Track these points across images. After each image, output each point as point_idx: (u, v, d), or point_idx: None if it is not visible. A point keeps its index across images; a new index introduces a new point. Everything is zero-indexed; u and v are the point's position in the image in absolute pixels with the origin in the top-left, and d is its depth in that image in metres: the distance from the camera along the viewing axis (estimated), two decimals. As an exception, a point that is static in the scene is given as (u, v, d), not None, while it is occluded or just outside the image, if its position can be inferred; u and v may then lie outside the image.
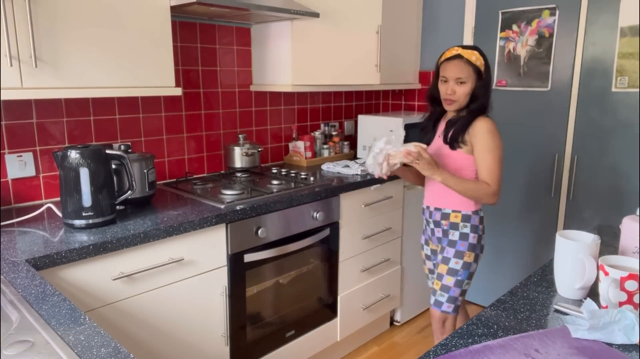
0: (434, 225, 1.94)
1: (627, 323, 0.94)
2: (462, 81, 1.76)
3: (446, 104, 1.83)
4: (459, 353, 0.91)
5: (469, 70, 1.76)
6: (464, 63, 1.76)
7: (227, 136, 2.60)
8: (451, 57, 1.78)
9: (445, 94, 1.80)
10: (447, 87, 1.79)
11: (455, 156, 1.83)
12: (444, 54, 1.83)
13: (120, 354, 0.90)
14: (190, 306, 1.80)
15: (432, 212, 1.94)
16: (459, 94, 1.78)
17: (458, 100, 1.79)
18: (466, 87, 1.77)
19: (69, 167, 1.59)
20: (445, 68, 1.79)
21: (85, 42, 1.68)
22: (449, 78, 1.78)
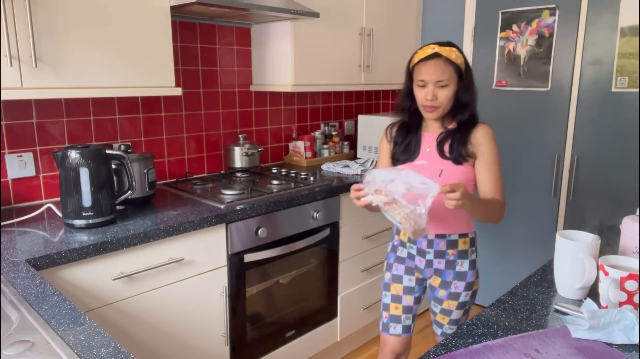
0: (435, 256, 1.61)
1: (627, 323, 0.94)
2: (443, 84, 1.50)
3: (426, 112, 1.55)
4: (459, 353, 0.91)
5: (450, 70, 1.50)
6: (443, 62, 1.50)
7: (227, 136, 2.60)
8: (428, 56, 1.51)
9: (424, 100, 1.52)
10: (426, 92, 1.51)
11: (459, 171, 1.55)
12: (417, 53, 1.55)
13: (120, 354, 0.90)
14: (190, 306, 1.80)
15: (431, 241, 1.60)
16: (441, 99, 1.51)
17: (441, 105, 1.53)
18: (449, 90, 1.51)
19: (69, 167, 1.59)
20: (422, 71, 1.52)
21: (85, 42, 1.68)
22: (428, 82, 1.51)
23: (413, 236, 1.33)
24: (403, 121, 1.65)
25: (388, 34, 2.90)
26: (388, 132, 1.69)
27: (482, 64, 2.93)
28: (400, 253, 1.69)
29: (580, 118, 2.60)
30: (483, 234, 3.08)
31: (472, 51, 2.97)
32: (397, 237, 1.71)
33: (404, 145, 1.62)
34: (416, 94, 1.56)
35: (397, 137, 1.65)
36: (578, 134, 2.62)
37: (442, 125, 1.61)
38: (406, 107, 1.63)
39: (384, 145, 1.70)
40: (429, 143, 1.60)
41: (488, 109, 2.96)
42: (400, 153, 1.62)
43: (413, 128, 1.64)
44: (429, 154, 1.59)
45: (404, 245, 1.69)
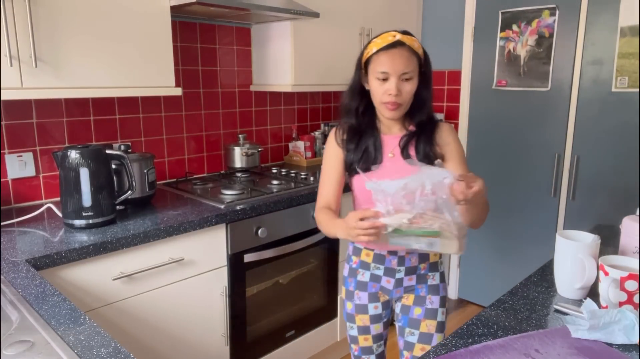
0: (406, 273, 1.43)
1: (627, 323, 0.94)
2: (408, 76, 1.31)
3: (388, 110, 1.34)
4: (459, 353, 0.91)
5: (414, 61, 1.32)
6: (408, 52, 1.31)
7: (227, 136, 2.60)
8: (390, 44, 1.30)
9: (386, 96, 1.32)
10: (388, 86, 1.30)
11: None
12: (374, 41, 1.34)
13: (120, 354, 0.90)
14: (190, 306, 1.80)
15: (402, 258, 1.42)
16: (405, 94, 1.32)
17: (404, 102, 1.33)
18: (412, 84, 1.32)
19: (69, 167, 1.59)
20: (384, 61, 1.30)
21: (85, 42, 1.68)
22: (392, 74, 1.30)
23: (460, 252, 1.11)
24: (352, 124, 1.42)
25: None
26: (337, 137, 1.44)
27: (482, 64, 2.93)
28: (362, 277, 1.47)
29: (580, 118, 2.60)
30: (483, 234, 3.08)
31: (472, 51, 2.97)
32: (356, 258, 1.49)
33: (360, 151, 1.40)
34: (374, 90, 1.35)
35: (350, 143, 1.41)
36: (578, 134, 2.62)
37: (403, 126, 1.42)
38: (354, 108, 1.41)
39: (333, 151, 1.44)
40: (391, 147, 1.40)
41: (488, 109, 2.96)
42: (358, 161, 1.39)
43: (368, 131, 1.42)
44: (393, 160, 1.39)
45: (366, 266, 1.46)
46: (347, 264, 1.53)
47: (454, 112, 3.13)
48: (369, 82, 1.36)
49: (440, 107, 3.20)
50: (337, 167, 1.44)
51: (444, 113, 3.15)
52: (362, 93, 1.40)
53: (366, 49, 1.36)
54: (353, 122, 1.42)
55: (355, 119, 1.42)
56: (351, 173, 1.42)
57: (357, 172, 1.38)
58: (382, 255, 1.43)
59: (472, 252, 3.16)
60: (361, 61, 1.38)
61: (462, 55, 3.02)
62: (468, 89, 3.02)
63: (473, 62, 2.98)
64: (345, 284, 1.53)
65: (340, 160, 1.44)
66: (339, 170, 1.45)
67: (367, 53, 1.35)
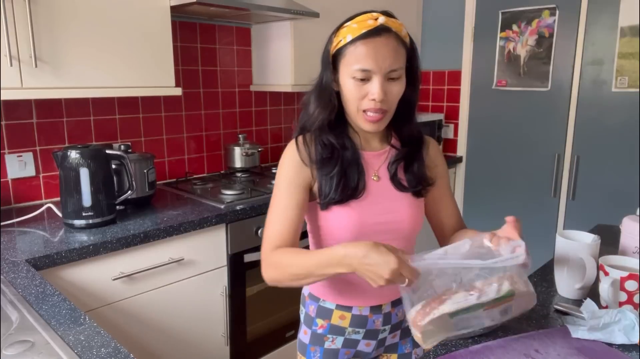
0: (390, 331, 1.17)
1: (627, 323, 0.94)
2: (397, 74, 0.98)
3: (367, 121, 1.00)
4: (459, 353, 0.91)
5: (403, 54, 0.99)
6: (395, 41, 0.98)
7: (227, 136, 2.60)
8: (373, 30, 0.96)
9: (366, 102, 0.98)
10: (372, 89, 0.97)
11: (419, 204, 1.12)
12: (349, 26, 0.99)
13: (120, 354, 0.90)
14: (190, 306, 1.80)
15: (388, 315, 1.15)
16: (392, 99, 0.99)
17: (390, 109, 1.01)
18: (401, 85, 1.00)
19: (69, 167, 1.58)
20: (364, 54, 0.96)
21: (85, 42, 1.68)
22: (376, 72, 0.96)
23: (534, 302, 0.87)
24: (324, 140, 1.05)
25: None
26: (303, 154, 1.05)
27: (482, 64, 2.93)
28: (332, 344, 1.15)
29: (580, 118, 2.60)
30: (483, 234, 3.07)
31: (472, 51, 2.97)
32: (323, 322, 1.15)
33: (338, 174, 1.03)
34: (349, 93, 0.99)
35: (325, 166, 1.03)
36: (578, 134, 2.62)
37: (385, 140, 1.11)
38: (325, 119, 1.04)
39: (295, 173, 1.05)
40: (374, 168, 1.08)
41: (488, 109, 2.96)
42: (333, 188, 1.02)
43: (344, 146, 1.06)
44: (378, 185, 1.07)
45: (339, 331, 1.14)
46: (309, 329, 1.17)
47: (454, 112, 3.13)
48: (341, 82, 1.01)
49: (441, 107, 3.20)
50: (300, 195, 1.04)
51: (444, 113, 3.15)
52: (334, 99, 1.04)
53: (336, 36, 1.01)
54: (327, 136, 1.04)
55: (330, 134, 1.05)
56: (327, 204, 1.04)
57: (333, 204, 1.03)
58: (364, 316, 1.13)
59: (472, 252, 3.15)
60: (329, 54, 1.03)
61: (462, 55, 3.02)
62: (468, 89, 3.02)
63: (473, 62, 2.98)
64: (306, 354, 1.17)
65: (306, 187, 1.05)
66: (302, 200, 1.04)
67: (338, 42, 0.99)
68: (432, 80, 3.21)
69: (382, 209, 1.06)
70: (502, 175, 2.94)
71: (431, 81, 3.22)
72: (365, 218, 1.04)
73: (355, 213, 1.04)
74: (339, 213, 1.04)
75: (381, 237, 1.02)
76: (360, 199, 1.04)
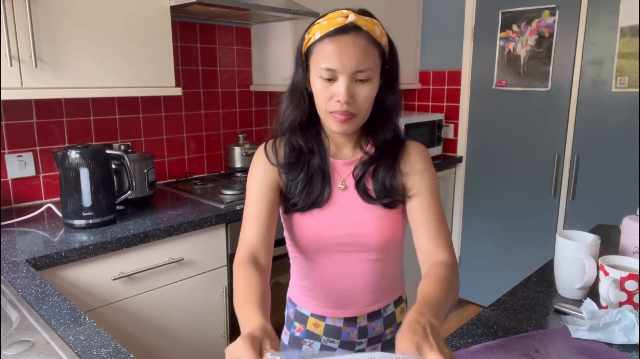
0: (369, 343, 1.12)
1: (627, 323, 0.94)
2: (365, 76, 0.92)
3: (336, 122, 0.95)
4: (459, 353, 0.91)
5: (374, 55, 0.94)
6: (365, 40, 0.92)
7: (227, 136, 2.60)
8: (341, 28, 0.91)
9: (332, 103, 0.93)
10: (336, 90, 0.92)
11: (393, 220, 1.02)
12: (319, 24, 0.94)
13: (120, 354, 0.90)
14: (190, 306, 1.80)
15: (364, 328, 1.10)
16: (361, 102, 0.94)
17: (359, 112, 0.95)
18: (371, 87, 0.94)
19: (69, 167, 1.59)
20: (329, 53, 0.91)
21: (85, 42, 1.68)
22: (341, 72, 0.91)
23: None
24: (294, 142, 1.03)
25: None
26: (271, 156, 1.04)
27: (482, 64, 2.93)
28: (310, 348, 1.13)
29: (580, 118, 2.60)
30: (483, 234, 3.08)
31: (472, 51, 2.97)
32: (300, 326, 1.13)
33: (303, 180, 1.01)
34: (317, 93, 0.95)
35: (292, 170, 1.02)
36: (578, 134, 2.62)
37: (359, 147, 1.04)
38: (297, 119, 1.01)
39: (265, 175, 1.03)
40: (342, 176, 1.03)
41: (488, 109, 2.96)
42: (297, 195, 1.00)
43: (314, 151, 1.02)
44: (345, 194, 1.02)
45: (316, 338, 1.12)
46: (288, 331, 1.15)
47: (454, 112, 3.13)
48: (311, 82, 0.97)
49: (441, 107, 3.20)
50: (270, 197, 1.00)
51: (444, 113, 3.15)
52: (306, 98, 1.00)
53: (307, 33, 0.96)
54: (296, 139, 1.02)
55: (300, 135, 1.02)
56: (289, 209, 1.03)
57: (295, 211, 1.01)
58: (337, 327, 1.09)
59: (472, 252, 3.16)
60: (301, 52, 0.98)
61: (462, 55, 3.02)
62: (468, 89, 3.02)
63: (473, 62, 2.98)
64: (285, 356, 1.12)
65: (276, 188, 1.02)
66: (273, 202, 1.01)
67: (309, 39, 0.95)
68: (432, 80, 3.22)
69: (345, 221, 1.00)
70: (502, 175, 2.94)
71: (431, 81, 3.22)
72: (326, 229, 1.00)
73: (316, 222, 1.00)
74: (299, 220, 1.02)
75: (346, 249, 1.02)
76: (323, 208, 1.00)
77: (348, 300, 1.07)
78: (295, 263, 1.11)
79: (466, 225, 3.16)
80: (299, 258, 1.09)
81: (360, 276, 1.04)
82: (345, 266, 1.04)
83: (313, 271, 1.07)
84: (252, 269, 0.92)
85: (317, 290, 1.08)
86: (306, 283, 1.10)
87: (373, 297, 1.08)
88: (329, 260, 1.04)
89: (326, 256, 1.04)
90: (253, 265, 0.93)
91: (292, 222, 1.04)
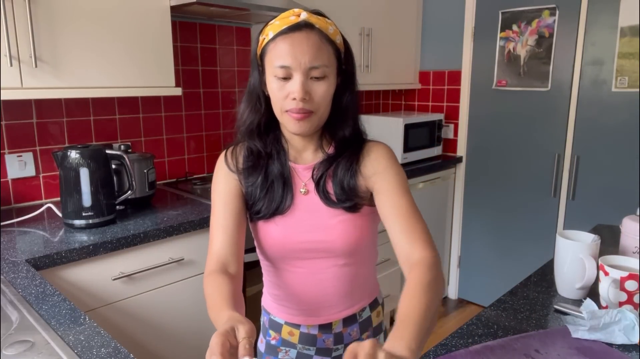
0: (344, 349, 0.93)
1: (627, 323, 0.94)
2: (320, 73, 0.91)
3: (293, 121, 0.93)
4: (459, 353, 0.91)
5: (328, 52, 0.93)
6: (318, 37, 0.92)
7: (227, 136, 2.60)
8: (293, 26, 0.91)
9: (288, 102, 0.92)
10: (291, 87, 0.91)
11: (359, 222, 1.00)
12: (272, 24, 0.94)
13: (120, 354, 0.90)
14: (190, 306, 1.80)
15: (340, 335, 1.09)
16: (318, 98, 0.92)
17: (317, 110, 0.93)
18: (327, 84, 0.93)
19: (69, 167, 1.59)
20: (283, 50, 0.90)
21: (85, 42, 1.68)
22: (294, 68, 0.90)
23: None
24: (252, 147, 1.01)
25: (388, 34, 2.90)
26: (231, 163, 1.02)
27: (482, 64, 2.93)
28: (286, 355, 1.12)
29: (580, 118, 2.60)
30: (483, 234, 3.08)
31: (472, 51, 2.97)
32: (276, 334, 1.12)
33: (262, 186, 0.99)
34: (272, 93, 0.94)
35: (250, 175, 1.01)
36: (578, 134, 2.62)
37: (320, 149, 1.02)
38: (254, 123, 1.00)
39: (227, 183, 1.01)
40: (303, 180, 1.01)
41: (488, 109, 2.96)
42: (258, 201, 1.00)
43: (272, 157, 1.01)
44: (307, 199, 1.00)
45: (292, 346, 1.11)
46: (264, 338, 1.14)
47: (454, 112, 3.13)
48: (267, 84, 0.95)
49: (441, 107, 3.20)
50: (234, 204, 0.99)
51: (444, 113, 3.16)
52: (262, 102, 0.99)
53: (261, 35, 0.95)
54: (254, 143, 1.00)
55: (258, 139, 1.00)
56: (252, 217, 1.02)
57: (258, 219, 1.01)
58: (311, 335, 1.08)
59: (472, 252, 3.16)
60: (257, 54, 0.97)
61: (462, 55, 3.02)
62: (468, 89, 3.03)
63: (473, 62, 2.98)
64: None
65: (239, 195, 1.01)
66: (238, 209, 1.00)
67: (262, 40, 0.94)
68: (432, 80, 3.22)
69: (308, 226, 0.99)
70: (502, 175, 2.94)
71: (431, 81, 3.22)
72: (290, 236, 0.99)
73: (279, 229, 1.00)
74: (263, 228, 1.01)
75: (312, 255, 1.01)
76: (285, 215, 0.99)
77: (320, 307, 1.05)
78: (266, 272, 1.10)
79: (466, 225, 3.16)
80: (268, 266, 1.08)
81: (330, 282, 1.03)
82: (313, 273, 1.03)
83: (282, 280, 1.06)
84: (221, 276, 0.91)
85: (288, 298, 1.07)
86: (277, 292, 1.09)
87: (346, 302, 1.07)
88: (297, 268, 1.03)
89: (293, 264, 1.03)
90: (222, 274, 0.92)
91: (257, 230, 1.03)
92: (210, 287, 0.90)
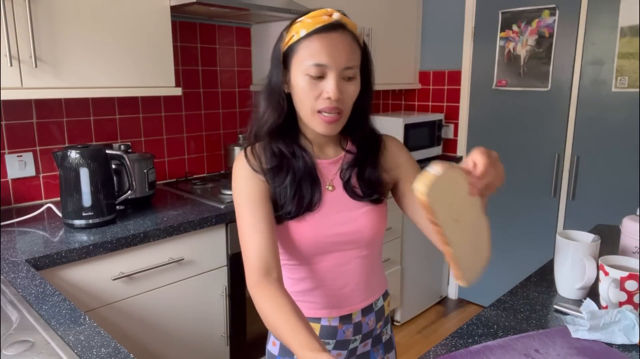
0: (362, 340, 1.11)
1: (627, 323, 0.94)
2: (352, 74, 0.93)
3: (323, 121, 0.93)
4: (459, 353, 0.91)
5: (358, 54, 0.96)
6: (350, 39, 0.94)
7: (227, 136, 2.60)
8: (329, 25, 0.91)
9: (322, 101, 0.92)
10: (327, 86, 0.91)
11: (380, 210, 1.05)
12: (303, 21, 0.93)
13: (120, 354, 0.90)
14: (190, 306, 1.80)
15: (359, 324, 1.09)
16: (348, 99, 0.94)
17: (345, 110, 0.95)
18: (356, 85, 0.95)
19: (69, 167, 1.59)
20: (319, 49, 0.90)
21: (85, 42, 1.68)
22: (331, 67, 0.90)
23: None
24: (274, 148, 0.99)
25: (388, 34, 2.90)
26: (255, 164, 0.98)
27: (482, 64, 2.93)
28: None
29: (580, 118, 2.60)
30: (483, 234, 3.07)
31: (472, 51, 2.97)
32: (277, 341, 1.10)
33: (292, 185, 0.98)
34: (302, 92, 0.93)
35: (276, 177, 0.98)
36: (578, 134, 2.62)
37: (339, 146, 1.05)
38: (276, 122, 0.98)
39: (253, 184, 0.97)
40: (329, 177, 1.03)
41: (488, 109, 2.96)
42: (288, 201, 0.97)
43: (293, 153, 0.99)
44: (334, 195, 1.02)
45: None
46: (277, 340, 1.09)
47: (454, 112, 3.13)
48: (293, 82, 0.94)
49: (441, 107, 3.20)
50: (264, 205, 0.96)
51: (444, 113, 3.16)
52: (285, 101, 0.98)
53: (288, 32, 0.95)
54: (276, 144, 0.99)
55: (280, 139, 0.99)
56: (281, 218, 0.99)
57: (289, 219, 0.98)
58: (333, 327, 1.07)
59: (472, 252, 3.15)
60: (280, 52, 0.97)
61: (462, 55, 3.02)
62: (468, 89, 3.03)
63: (473, 62, 2.98)
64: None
65: (267, 195, 0.98)
66: (268, 209, 0.97)
67: (291, 38, 0.94)
68: (432, 80, 3.22)
69: (338, 220, 1.01)
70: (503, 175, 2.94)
71: (431, 81, 3.22)
72: (322, 231, 1.00)
73: (310, 226, 0.99)
74: (295, 228, 0.99)
75: (340, 248, 1.02)
76: (315, 211, 0.99)
77: (344, 298, 1.07)
78: (288, 270, 1.08)
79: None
80: (290, 265, 1.06)
81: (354, 272, 1.06)
82: (339, 264, 1.05)
83: (308, 275, 1.06)
84: (273, 287, 0.88)
85: (313, 292, 1.07)
86: (299, 288, 1.08)
87: (366, 292, 1.09)
88: (324, 261, 1.04)
89: (321, 258, 1.04)
90: (272, 284, 0.89)
91: (287, 231, 1.01)
92: (268, 304, 0.86)
